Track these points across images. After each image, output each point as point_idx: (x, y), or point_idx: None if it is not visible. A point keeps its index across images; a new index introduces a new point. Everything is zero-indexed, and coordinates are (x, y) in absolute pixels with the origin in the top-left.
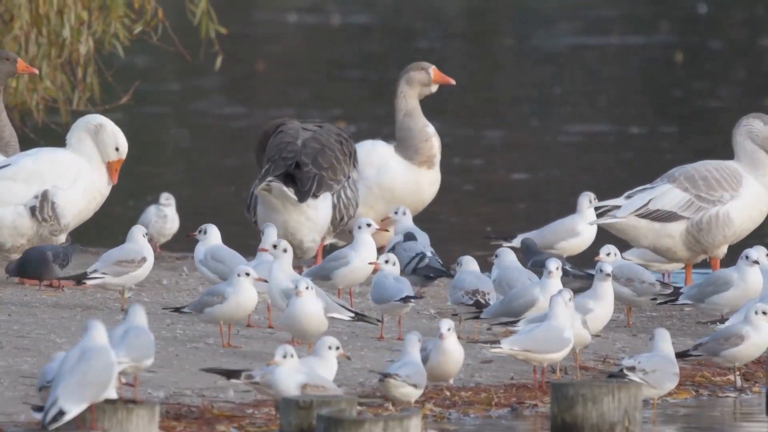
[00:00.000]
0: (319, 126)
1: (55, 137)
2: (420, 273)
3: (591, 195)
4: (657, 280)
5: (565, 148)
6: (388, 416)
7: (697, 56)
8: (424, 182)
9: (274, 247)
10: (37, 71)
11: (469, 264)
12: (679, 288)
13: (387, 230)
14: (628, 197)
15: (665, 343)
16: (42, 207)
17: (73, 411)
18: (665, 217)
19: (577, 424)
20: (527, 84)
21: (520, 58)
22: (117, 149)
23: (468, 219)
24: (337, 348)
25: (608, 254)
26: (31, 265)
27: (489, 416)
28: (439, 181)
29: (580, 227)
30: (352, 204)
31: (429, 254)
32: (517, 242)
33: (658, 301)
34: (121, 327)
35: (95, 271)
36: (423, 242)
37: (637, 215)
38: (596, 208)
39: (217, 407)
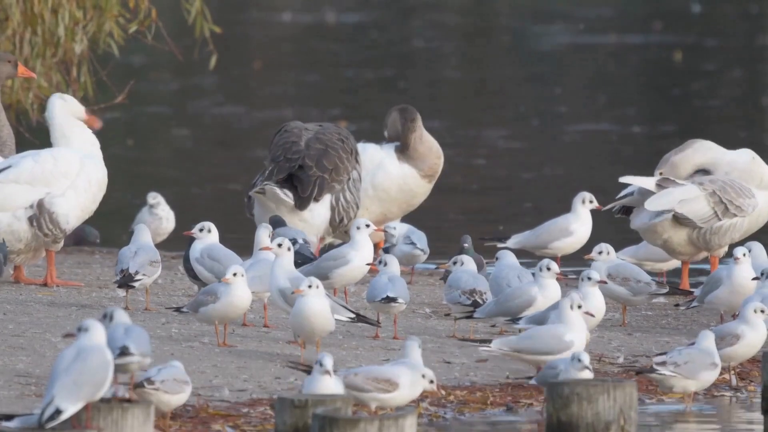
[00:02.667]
0: (319, 125)
1: (49, 136)
2: None
3: (586, 195)
4: (654, 279)
5: (568, 147)
6: (383, 416)
7: (695, 55)
8: (421, 192)
9: (279, 246)
10: (35, 75)
11: (468, 263)
12: (678, 287)
13: (383, 230)
14: (660, 185)
15: (707, 340)
16: (40, 222)
17: (69, 410)
18: (685, 221)
19: (572, 423)
20: (527, 83)
21: (518, 57)
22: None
23: (474, 218)
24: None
25: (600, 252)
26: None
27: (484, 415)
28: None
29: (574, 227)
30: (352, 206)
31: (300, 241)
32: (511, 243)
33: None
34: (120, 326)
35: (137, 272)
36: (420, 241)
37: (662, 212)
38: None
39: (213, 406)
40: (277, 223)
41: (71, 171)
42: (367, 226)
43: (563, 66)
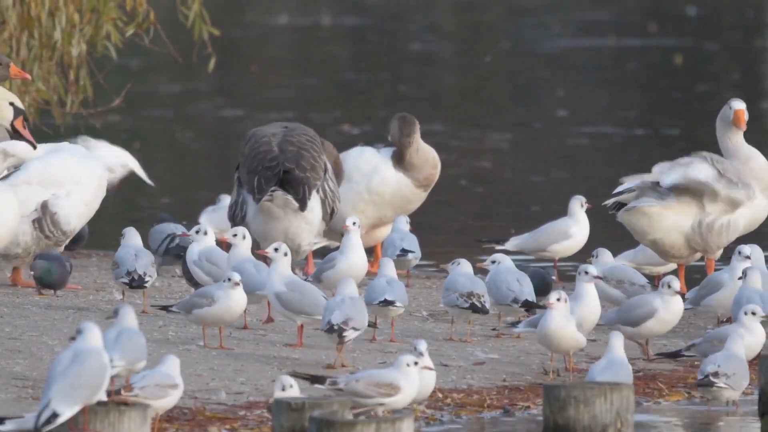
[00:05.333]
0: (284, 126)
1: (47, 139)
2: (170, 252)
3: (582, 199)
4: (648, 282)
5: (572, 150)
6: (380, 418)
7: (694, 58)
8: (415, 200)
9: (276, 250)
10: (29, 77)
11: (464, 266)
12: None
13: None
14: (641, 188)
15: (738, 346)
16: (42, 224)
17: (66, 413)
18: (698, 189)
19: (569, 426)
20: (526, 86)
21: (517, 60)
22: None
23: (478, 220)
24: (416, 363)
25: (594, 256)
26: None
27: (481, 418)
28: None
29: (573, 230)
30: (336, 195)
31: (179, 232)
32: (509, 245)
33: None
34: (114, 329)
35: (145, 273)
36: (412, 244)
37: (678, 189)
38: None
39: (210, 409)
40: (161, 219)
41: (74, 172)
42: (354, 224)
43: (562, 69)
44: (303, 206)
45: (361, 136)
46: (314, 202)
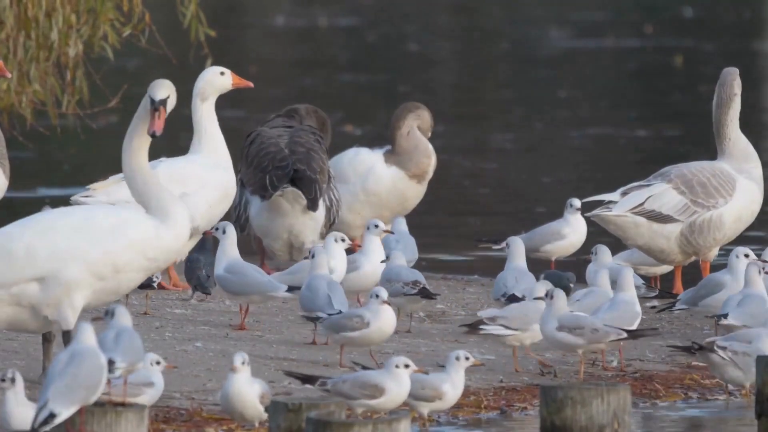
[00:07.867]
0: (287, 126)
1: (43, 140)
2: None
3: (574, 201)
4: (643, 283)
5: (575, 151)
6: (377, 419)
7: (692, 59)
8: (412, 195)
9: (313, 256)
10: (9, 74)
11: (398, 258)
12: (668, 291)
13: (359, 246)
14: (624, 194)
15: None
16: None
17: (63, 414)
18: (660, 218)
19: (566, 426)
20: (527, 87)
21: (516, 62)
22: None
23: (482, 222)
24: (406, 366)
25: (593, 254)
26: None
27: (478, 419)
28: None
29: (566, 231)
30: (339, 205)
31: None
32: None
33: (657, 309)
34: (110, 330)
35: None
36: (410, 246)
37: (633, 213)
38: (590, 203)
39: (206, 410)
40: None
41: (198, 173)
42: (376, 226)
43: (563, 70)
44: (314, 206)
45: (361, 137)
46: (321, 202)
